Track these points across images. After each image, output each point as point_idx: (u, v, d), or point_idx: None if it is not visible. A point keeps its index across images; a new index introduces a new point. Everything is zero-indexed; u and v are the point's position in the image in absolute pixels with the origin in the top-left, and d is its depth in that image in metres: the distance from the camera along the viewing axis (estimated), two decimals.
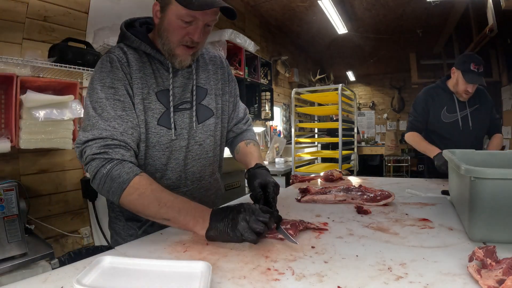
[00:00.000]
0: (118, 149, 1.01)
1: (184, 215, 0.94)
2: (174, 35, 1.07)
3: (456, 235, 0.96)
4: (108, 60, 1.09)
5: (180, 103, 1.19)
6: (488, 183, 0.84)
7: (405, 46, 7.33)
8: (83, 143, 1.01)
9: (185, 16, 1.03)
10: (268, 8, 5.29)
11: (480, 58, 2.22)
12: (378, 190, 1.41)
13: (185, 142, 1.20)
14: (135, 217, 1.17)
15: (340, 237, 0.96)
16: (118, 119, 1.04)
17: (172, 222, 0.95)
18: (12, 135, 1.95)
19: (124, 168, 0.98)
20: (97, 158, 0.99)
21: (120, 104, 1.05)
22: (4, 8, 2.06)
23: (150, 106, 1.12)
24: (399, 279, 0.68)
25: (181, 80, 1.20)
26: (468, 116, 2.31)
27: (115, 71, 1.07)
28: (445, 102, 2.36)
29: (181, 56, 1.12)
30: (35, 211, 2.23)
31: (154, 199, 0.95)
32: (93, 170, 0.99)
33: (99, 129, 1.01)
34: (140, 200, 0.96)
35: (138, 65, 1.11)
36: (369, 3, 5.09)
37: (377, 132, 10.48)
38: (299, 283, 0.67)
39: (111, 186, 0.96)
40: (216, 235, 0.90)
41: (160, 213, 0.94)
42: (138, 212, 0.98)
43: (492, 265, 0.66)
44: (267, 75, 5.11)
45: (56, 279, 0.70)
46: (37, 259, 1.64)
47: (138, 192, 0.96)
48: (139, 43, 1.13)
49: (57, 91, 2.18)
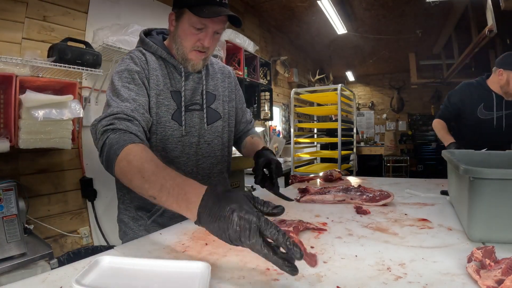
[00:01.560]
0: (125, 122, 1.04)
1: (166, 195, 0.75)
2: (187, 41, 1.21)
3: (455, 235, 0.96)
4: (128, 58, 1.22)
5: (190, 104, 1.31)
6: (487, 183, 0.84)
7: (404, 46, 7.33)
8: (97, 122, 1.06)
9: (196, 23, 1.16)
10: (268, 8, 5.29)
11: None
12: (377, 190, 1.41)
13: (195, 139, 1.32)
14: (145, 206, 1.28)
15: (339, 237, 0.96)
16: (131, 101, 1.11)
17: (158, 200, 0.78)
18: (11, 135, 1.95)
19: (123, 136, 0.97)
20: (105, 130, 1.01)
21: (134, 89, 1.16)
22: (4, 8, 2.06)
23: (164, 102, 1.24)
24: (398, 279, 0.68)
25: (192, 84, 1.32)
26: (503, 117, 2.32)
27: (132, 66, 1.19)
28: (483, 99, 2.38)
29: (193, 60, 1.25)
30: (34, 211, 2.23)
31: (137, 170, 0.83)
32: (99, 144, 1.00)
33: (113, 107, 1.08)
34: (126, 170, 0.86)
35: (154, 66, 1.24)
36: (368, 3, 5.10)
37: (376, 132, 10.49)
38: (298, 283, 0.67)
39: (109, 154, 0.93)
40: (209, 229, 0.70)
41: (144, 188, 0.80)
42: (127, 183, 0.87)
43: (491, 265, 0.66)
44: (266, 75, 5.11)
45: (55, 279, 0.70)
46: (36, 259, 1.64)
47: (127, 159, 0.88)
48: (156, 48, 1.27)
49: (56, 91, 2.18)
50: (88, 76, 2.51)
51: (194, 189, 0.72)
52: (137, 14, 2.96)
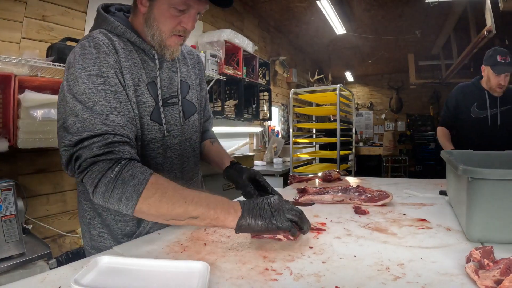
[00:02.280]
0: (124, 146, 0.88)
1: (214, 209, 0.83)
2: (166, 25, 1.01)
3: (454, 235, 0.96)
4: (92, 46, 0.94)
5: (169, 97, 1.12)
6: (486, 184, 0.84)
7: (403, 47, 7.34)
8: (74, 144, 0.85)
9: (179, 4, 0.97)
10: (267, 8, 5.29)
11: (504, 50, 2.28)
12: (376, 190, 1.41)
13: (177, 140, 1.15)
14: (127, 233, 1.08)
15: (338, 237, 0.96)
16: (115, 112, 0.90)
17: (200, 219, 0.84)
18: (10, 134, 1.95)
19: (136, 168, 0.84)
20: (100, 160, 0.83)
21: (113, 95, 0.92)
22: (3, 7, 2.06)
23: (141, 99, 1.03)
24: (397, 279, 0.68)
25: (167, 72, 1.13)
26: (498, 115, 2.33)
27: (103, 57, 0.93)
28: (476, 99, 2.41)
29: (172, 47, 1.06)
30: (33, 211, 2.22)
31: (180, 197, 0.83)
32: (96, 177, 0.82)
33: (95, 124, 0.85)
34: (163, 200, 0.82)
35: (125, 53, 1.01)
36: (367, 3, 5.10)
37: (375, 133, 10.49)
38: (297, 283, 0.67)
39: (125, 191, 0.81)
40: (247, 225, 0.83)
41: (188, 211, 0.82)
42: (161, 215, 0.84)
43: (490, 265, 0.66)
44: (265, 75, 5.10)
45: (53, 279, 0.70)
46: (34, 259, 1.64)
47: (160, 192, 0.82)
48: (124, 29, 1.03)
49: (55, 90, 2.17)
50: None
51: (230, 200, 0.88)
52: None
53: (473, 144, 1.82)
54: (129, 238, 1.06)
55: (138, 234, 1.07)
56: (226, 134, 4.43)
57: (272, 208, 0.85)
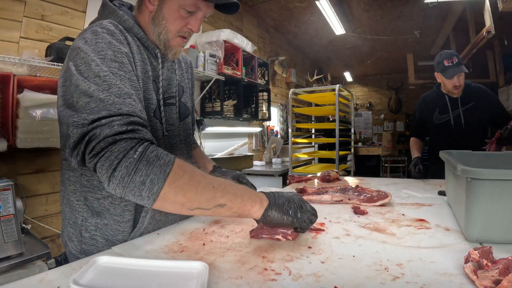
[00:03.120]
0: (146, 129, 0.82)
1: (241, 197, 0.82)
2: (174, 25, 1.02)
3: (453, 235, 0.96)
4: (105, 32, 0.91)
5: (168, 97, 1.12)
6: (485, 184, 0.85)
7: (402, 47, 7.34)
8: (90, 122, 0.76)
9: (189, 5, 0.99)
10: (266, 8, 5.29)
11: (450, 52, 2.33)
12: (375, 190, 1.41)
13: (174, 140, 1.15)
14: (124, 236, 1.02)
15: (337, 237, 0.96)
16: (133, 96, 0.84)
17: (227, 207, 0.80)
18: (9, 134, 1.94)
19: (160, 150, 0.77)
20: (123, 139, 0.74)
21: (128, 81, 0.87)
22: (2, 7, 2.05)
23: (146, 95, 1.01)
24: (396, 279, 0.68)
25: (167, 73, 1.14)
26: (461, 115, 2.36)
27: (116, 45, 0.90)
28: (437, 105, 2.48)
29: (176, 48, 1.07)
30: (32, 210, 2.22)
31: (208, 182, 0.79)
32: (116, 157, 0.73)
33: (114, 104, 0.78)
34: (192, 184, 0.76)
35: (134, 47, 0.99)
36: (366, 4, 5.10)
37: (374, 133, 10.50)
38: (296, 283, 0.67)
39: (149, 173, 0.73)
40: (273, 216, 0.86)
41: (216, 197, 0.78)
42: (187, 201, 0.76)
43: (489, 265, 0.66)
44: (264, 75, 5.10)
45: (52, 279, 0.70)
46: (33, 259, 1.63)
47: (188, 175, 0.77)
48: (132, 24, 1.02)
49: (54, 90, 2.17)
50: None
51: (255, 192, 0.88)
52: None
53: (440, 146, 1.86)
54: (121, 242, 1.01)
55: (133, 236, 1.03)
56: (225, 134, 4.43)
57: (297, 205, 0.88)
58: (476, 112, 2.37)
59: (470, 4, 4.46)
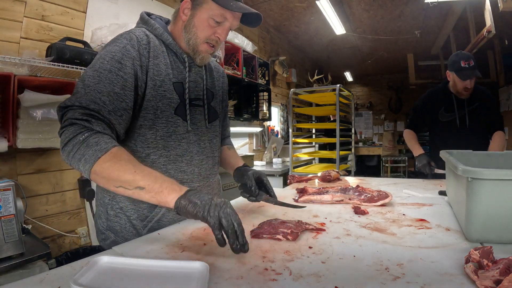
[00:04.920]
0: (101, 122, 0.98)
1: (160, 184, 0.89)
2: (203, 32, 1.16)
3: (453, 235, 0.96)
4: (126, 37, 1.09)
5: (194, 98, 1.25)
6: (485, 184, 0.85)
7: (402, 47, 7.33)
8: (66, 106, 0.98)
9: (217, 15, 1.13)
10: (267, 8, 5.28)
11: (468, 54, 2.31)
12: (375, 190, 1.41)
13: (198, 137, 1.26)
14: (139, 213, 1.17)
15: (337, 237, 0.96)
16: (112, 95, 1.01)
17: (146, 190, 0.89)
18: (9, 134, 1.95)
19: (103, 138, 0.94)
20: (77, 123, 0.94)
21: (121, 81, 1.03)
22: (2, 7, 2.05)
23: (166, 94, 1.15)
24: (396, 279, 0.68)
25: (194, 76, 1.26)
26: (466, 115, 2.37)
27: (129, 49, 1.07)
28: (443, 103, 2.46)
29: (203, 53, 1.20)
30: (32, 211, 2.22)
31: (131, 167, 0.91)
32: (68, 136, 0.93)
33: (88, 99, 0.97)
34: (115, 166, 0.90)
35: (157, 51, 1.15)
36: (367, 4, 5.09)
37: (375, 133, 10.49)
38: (296, 283, 0.67)
39: (85, 153, 0.90)
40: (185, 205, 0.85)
41: (135, 180, 0.89)
42: (110, 180, 0.91)
43: (489, 265, 0.66)
44: (265, 75, 5.11)
45: (53, 279, 0.70)
46: (34, 259, 1.63)
47: (115, 159, 0.91)
48: (162, 31, 1.19)
49: (54, 90, 2.18)
50: None
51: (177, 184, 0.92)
52: (136, 14, 2.92)
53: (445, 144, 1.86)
54: (142, 221, 1.16)
55: (151, 219, 1.16)
56: None
57: (213, 203, 0.84)
58: (480, 113, 2.37)
59: (470, 3, 4.46)
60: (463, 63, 2.25)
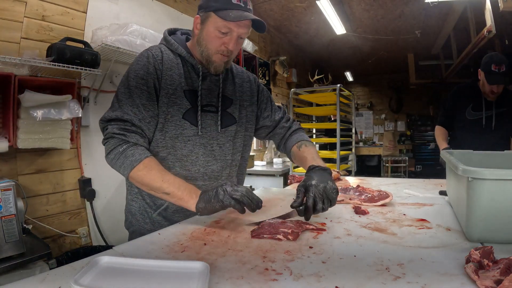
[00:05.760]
0: (134, 134, 1.20)
1: (182, 191, 1.13)
2: (212, 44, 1.25)
3: (454, 235, 0.96)
4: (145, 56, 1.28)
5: (206, 105, 1.34)
6: (486, 184, 0.84)
7: (403, 47, 7.33)
8: (107, 120, 1.21)
9: (222, 27, 1.21)
10: (267, 8, 5.29)
11: (502, 57, 2.25)
12: (376, 190, 1.41)
13: (207, 140, 1.34)
14: (152, 200, 1.35)
15: (338, 237, 0.96)
16: (140, 107, 1.22)
17: (170, 196, 1.14)
18: (9, 134, 1.95)
19: (137, 150, 1.17)
20: (115, 137, 1.18)
21: (146, 94, 1.23)
22: (2, 7, 2.06)
23: (177, 101, 1.27)
24: (396, 279, 0.68)
25: (208, 84, 1.36)
26: (493, 117, 2.34)
27: (148, 66, 1.25)
28: (472, 100, 2.42)
29: (216, 63, 1.29)
30: (33, 211, 2.22)
31: (160, 175, 1.15)
32: (110, 147, 1.18)
33: (122, 111, 1.20)
34: (147, 175, 1.15)
35: (170, 64, 1.29)
36: (367, 3, 5.09)
37: (375, 133, 10.49)
38: (297, 283, 0.67)
39: (124, 162, 1.16)
40: (203, 206, 1.07)
41: (162, 187, 1.14)
42: (144, 185, 1.17)
43: (490, 265, 0.66)
44: (265, 75, 5.11)
45: (53, 279, 0.70)
46: (34, 259, 1.64)
47: (147, 169, 1.15)
48: (177, 46, 1.33)
49: (55, 90, 2.18)
50: (87, 76, 2.51)
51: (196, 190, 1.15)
52: (136, 14, 2.96)
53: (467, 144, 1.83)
54: (158, 208, 1.34)
55: (166, 207, 1.33)
56: None
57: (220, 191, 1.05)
58: (507, 117, 2.34)
59: (470, 3, 4.45)
60: (494, 67, 2.20)
